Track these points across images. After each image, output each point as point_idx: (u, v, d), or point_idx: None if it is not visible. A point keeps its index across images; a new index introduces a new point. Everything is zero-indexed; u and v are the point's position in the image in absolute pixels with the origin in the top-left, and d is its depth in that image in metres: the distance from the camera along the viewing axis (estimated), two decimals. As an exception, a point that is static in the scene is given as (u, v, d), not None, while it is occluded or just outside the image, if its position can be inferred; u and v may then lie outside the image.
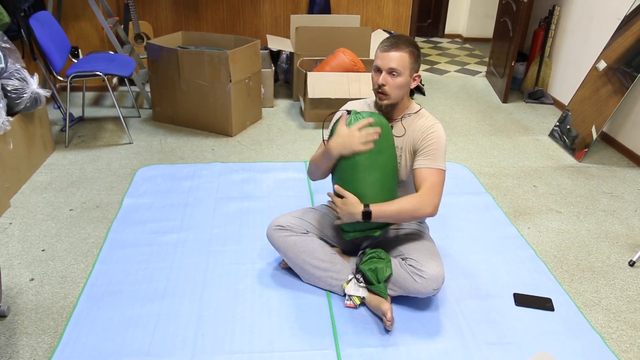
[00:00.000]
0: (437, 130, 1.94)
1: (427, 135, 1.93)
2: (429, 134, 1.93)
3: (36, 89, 2.88)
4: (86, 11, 4.08)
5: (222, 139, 3.58)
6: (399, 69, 1.86)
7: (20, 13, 3.32)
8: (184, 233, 2.48)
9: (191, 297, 2.06)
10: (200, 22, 4.87)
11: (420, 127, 1.95)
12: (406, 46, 1.87)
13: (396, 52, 1.86)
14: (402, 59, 1.86)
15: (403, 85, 1.90)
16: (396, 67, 1.86)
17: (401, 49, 1.86)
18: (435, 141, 1.92)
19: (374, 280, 1.94)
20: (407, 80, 1.90)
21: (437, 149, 1.92)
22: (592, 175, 3.27)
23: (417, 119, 1.98)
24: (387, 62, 1.87)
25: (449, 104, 4.48)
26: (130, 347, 1.81)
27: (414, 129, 1.97)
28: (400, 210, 1.87)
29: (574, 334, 1.96)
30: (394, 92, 1.90)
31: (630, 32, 3.37)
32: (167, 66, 3.56)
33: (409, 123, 1.98)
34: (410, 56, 1.88)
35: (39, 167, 3.10)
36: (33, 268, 2.22)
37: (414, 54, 1.89)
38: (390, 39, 1.90)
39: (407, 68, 1.88)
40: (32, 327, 1.91)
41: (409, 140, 1.97)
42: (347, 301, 2.03)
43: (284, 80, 4.77)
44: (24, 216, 2.60)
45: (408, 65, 1.88)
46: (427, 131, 1.94)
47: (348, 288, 2.01)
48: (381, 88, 1.90)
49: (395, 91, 1.90)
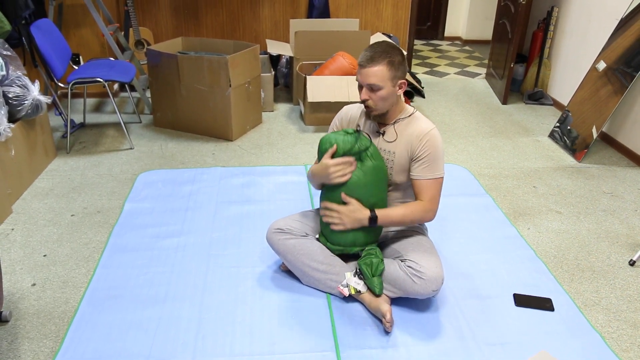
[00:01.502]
0: (433, 136, 1.93)
1: (424, 144, 1.92)
2: (426, 142, 1.92)
3: (37, 96, 2.90)
4: (87, 18, 4.11)
5: (222, 144, 3.59)
6: (378, 84, 1.84)
7: (21, 21, 3.35)
8: (184, 237, 2.49)
9: (192, 301, 2.07)
10: (200, 28, 4.90)
11: (416, 133, 1.95)
12: (383, 58, 1.83)
13: (372, 66, 1.82)
14: (380, 72, 1.83)
15: (387, 96, 1.88)
16: (375, 82, 1.83)
17: (378, 63, 1.82)
18: (432, 150, 1.92)
19: (368, 274, 1.96)
20: (391, 91, 1.88)
21: (435, 157, 1.93)
22: (592, 175, 3.27)
23: (411, 123, 1.98)
24: (366, 79, 1.85)
25: (449, 106, 4.49)
26: (131, 351, 1.82)
27: (409, 134, 1.96)
28: (405, 216, 1.94)
29: (574, 333, 1.96)
30: (379, 105, 1.90)
31: (630, 32, 3.37)
32: (167, 72, 3.58)
33: (402, 128, 1.98)
34: (388, 67, 1.83)
35: (41, 173, 3.11)
36: (35, 273, 2.24)
37: (393, 63, 1.84)
38: (367, 52, 1.85)
39: (388, 79, 1.84)
40: (34, 331, 1.92)
41: (403, 144, 1.97)
42: (341, 286, 2.04)
43: (284, 85, 4.79)
44: (26, 222, 2.62)
45: (388, 77, 1.84)
46: (423, 138, 1.93)
47: (349, 278, 2.03)
48: (365, 102, 1.90)
49: (380, 103, 1.89)
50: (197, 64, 3.45)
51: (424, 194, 1.95)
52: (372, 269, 1.96)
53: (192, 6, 4.81)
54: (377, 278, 1.96)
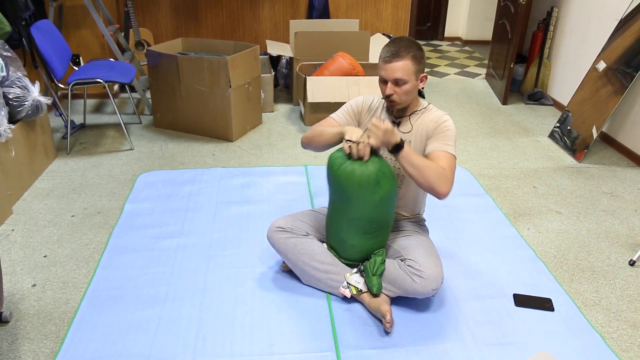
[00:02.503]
0: (448, 120, 1.97)
1: (441, 124, 1.95)
2: (442, 122, 1.95)
3: (37, 97, 2.90)
4: (87, 19, 4.11)
5: (222, 144, 3.59)
6: (404, 78, 1.87)
7: (22, 22, 3.35)
8: (184, 238, 2.49)
9: (192, 301, 2.07)
10: (200, 29, 4.90)
11: (432, 119, 1.98)
12: (407, 52, 1.86)
13: (398, 61, 1.85)
14: (406, 66, 1.85)
15: (411, 90, 1.92)
16: (401, 76, 1.86)
17: (403, 57, 1.85)
18: (448, 128, 1.94)
19: (370, 271, 1.97)
20: (414, 84, 1.92)
21: (450, 135, 1.93)
22: (591, 175, 3.27)
23: (427, 113, 2.01)
24: (391, 73, 1.87)
25: (449, 106, 4.49)
26: (131, 351, 1.82)
27: (424, 122, 1.99)
28: (426, 166, 1.81)
29: (574, 333, 1.96)
30: (403, 98, 1.93)
31: (630, 33, 3.37)
32: (167, 72, 3.59)
33: (417, 120, 2.01)
34: (413, 61, 1.86)
35: (41, 174, 3.12)
36: (35, 274, 2.24)
37: (417, 57, 1.88)
38: (391, 47, 1.88)
39: (412, 73, 1.88)
40: (34, 332, 1.92)
41: (419, 133, 1.99)
42: (342, 288, 2.04)
43: (284, 85, 4.80)
44: (26, 223, 2.62)
45: (413, 71, 1.88)
46: (439, 120, 1.96)
47: (350, 278, 2.03)
48: (390, 97, 1.92)
49: (404, 97, 1.92)
50: (197, 64, 3.45)
51: (440, 162, 1.87)
52: (373, 268, 1.96)
53: (192, 7, 4.81)
54: (377, 277, 1.96)
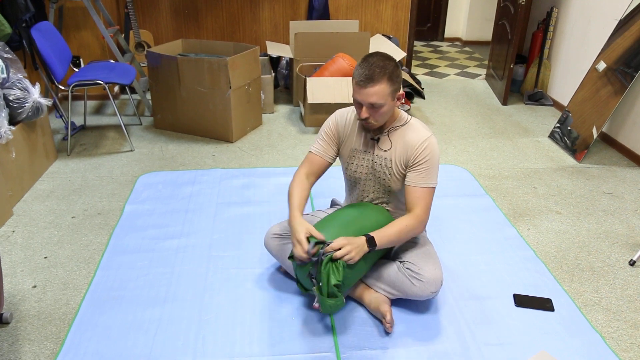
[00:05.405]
0: (430, 144, 1.89)
1: (421, 152, 1.89)
2: (423, 149, 1.89)
3: (38, 98, 2.91)
4: (87, 21, 4.12)
5: (222, 145, 3.60)
6: (379, 102, 1.78)
7: (22, 24, 3.36)
8: (184, 239, 2.49)
9: (192, 302, 2.07)
10: (200, 30, 4.91)
11: (412, 142, 1.90)
12: (382, 74, 1.75)
13: (373, 86, 1.75)
14: (381, 90, 1.76)
15: (388, 111, 1.84)
16: (376, 101, 1.77)
17: (377, 81, 1.75)
18: (429, 158, 1.89)
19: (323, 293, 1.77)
20: (391, 105, 1.84)
21: (431, 166, 1.89)
22: (592, 175, 3.27)
23: (407, 132, 1.93)
24: (366, 98, 1.78)
25: (449, 107, 4.49)
26: (131, 352, 1.83)
27: (404, 143, 1.92)
28: (400, 232, 1.87)
29: (574, 333, 1.96)
30: (380, 120, 1.86)
31: (629, 33, 3.38)
32: (168, 74, 3.59)
33: (397, 136, 1.94)
34: (388, 83, 1.77)
35: (42, 176, 3.12)
36: (35, 275, 2.24)
37: (392, 77, 1.77)
38: (365, 70, 1.76)
39: (388, 95, 1.79)
40: (35, 333, 1.92)
41: (398, 153, 1.94)
42: (316, 302, 1.82)
43: (284, 86, 4.80)
44: (27, 224, 2.62)
45: (388, 93, 1.78)
46: (420, 146, 1.89)
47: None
48: (366, 120, 1.85)
49: (380, 119, 1.85)
50: (197, 66, 3.46)
51: (418, 203, 1.89)
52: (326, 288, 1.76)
53: (192, 8, 4.82)
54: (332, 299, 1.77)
